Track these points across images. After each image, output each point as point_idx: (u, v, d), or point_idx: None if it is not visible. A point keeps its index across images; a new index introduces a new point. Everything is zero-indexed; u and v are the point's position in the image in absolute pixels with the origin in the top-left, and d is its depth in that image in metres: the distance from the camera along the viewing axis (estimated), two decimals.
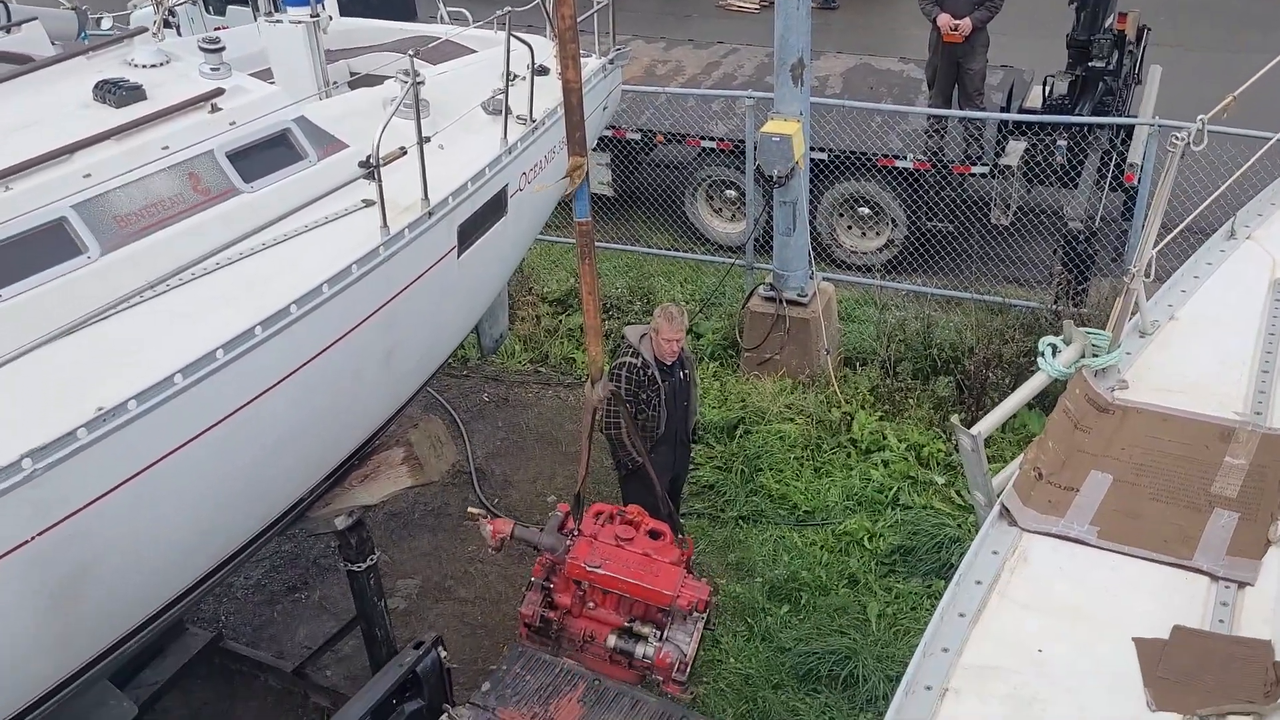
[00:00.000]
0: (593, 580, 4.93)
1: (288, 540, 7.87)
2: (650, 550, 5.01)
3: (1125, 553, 3.38)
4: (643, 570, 4.92)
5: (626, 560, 4.93)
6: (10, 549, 3.88)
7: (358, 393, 5.56)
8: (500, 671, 5.29)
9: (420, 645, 5.13)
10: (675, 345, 6.39)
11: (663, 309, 6.47)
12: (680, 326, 6.40)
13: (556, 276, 10.79)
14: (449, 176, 5.83)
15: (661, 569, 4.90)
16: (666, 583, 4.81)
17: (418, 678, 5.05)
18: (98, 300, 4.36)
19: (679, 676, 4.78)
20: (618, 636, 4.92)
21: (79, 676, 4.57)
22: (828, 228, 10.87)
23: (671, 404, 6.58)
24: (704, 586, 4.84)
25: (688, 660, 4.76)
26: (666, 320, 6.35)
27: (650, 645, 4.87)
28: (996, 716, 2.89)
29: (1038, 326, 8.74)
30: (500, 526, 5.28)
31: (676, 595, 4.77)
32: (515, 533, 5.25)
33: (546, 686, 5.14)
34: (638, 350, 6.43)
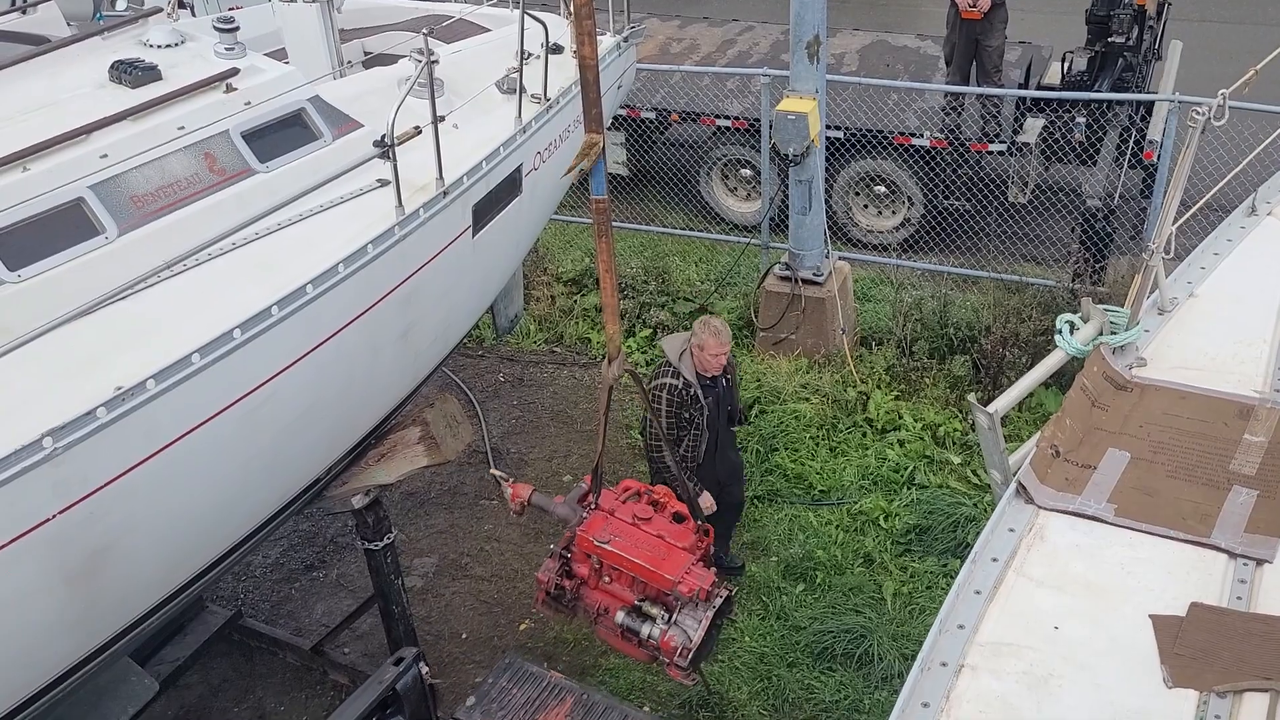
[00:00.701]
0: (600, 555, 4.90)
1: (305, 519, 7.93)
2: (666, 533, 4.93)
3: (1142, 530, 3.37)
4: (651, 552, 4.84)
5: (637, 540, 4.89)
6: (32, 527, 3.92)
7: (374, 372, 5.57)
8: (486, 685, 5.18)
9: (400, 661, 4.98)
10: (723, 359, 6.18)
11: (705, 324, 6.18)
12: (727, 339, 6.17)
13: (571, 256, 10.79)
14: (463, 156, 5.82)
15: (671, 553, 4.81)
16: (671, 567, 4.73)
17: (398, 695, 4.91)
18: (115, 280, 4.37)
19: (681, 661, 4.70)
20: (626, 614, 4.89)
21: (100, 653, 4.62)
22: (843, 206, 10.82)
23: (715, 420, 6.39)
24: (709, 575, 4.73)
25: (691, 646, 4.68)
26: (713, 336, 6.10)
27: (657, 627, 4.80)
28: (1012, 693, 2.90)
29: (1055, 305, 8.69)
30: (519, 491, 5.27)
31: (678, 581, 4.71)
32: (533, 499, 5.24)
33: (533, 700, 5.04)
34: (677, 369, 6.19)
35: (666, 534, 4.90)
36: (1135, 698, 2.85)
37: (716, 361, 6.15)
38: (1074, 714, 2.82)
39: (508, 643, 6.94)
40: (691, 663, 4.69)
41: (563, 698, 5.03)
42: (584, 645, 6.85)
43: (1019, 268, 9.95)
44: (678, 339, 6.37)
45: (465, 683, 6.65)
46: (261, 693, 6.67)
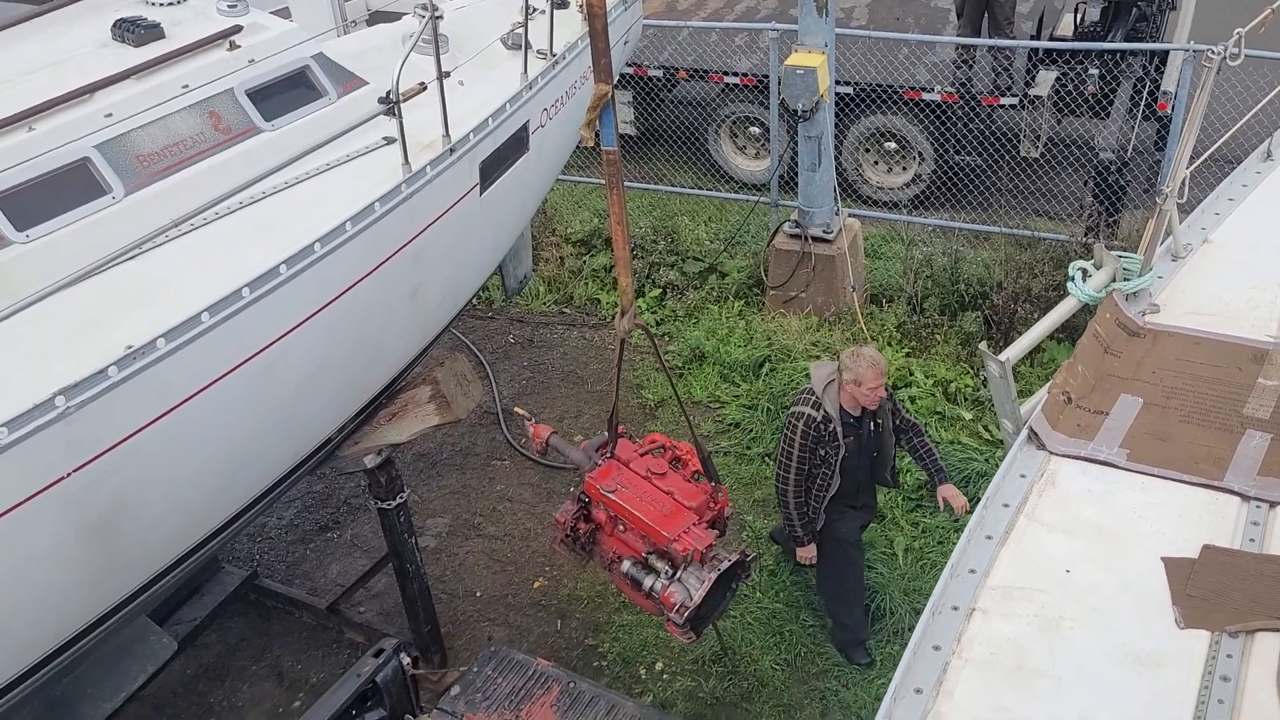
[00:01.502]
0: (605, 504, 4.90)
1: (318, 480, 7.98)
2: (677, 491, 4.88)
3: (1155, 474, 3.36)
4: (654, 507, 4.80)
5: (644, 493, 4.86)
6: (47, 485, 3.94)
7: (384, 331, 5.58)
8: (470, 674, 5.11)
9: (380, 653, 4.83)
10: (880, 392, 5.46)
11: (857, 355, 5.44)
12: (884, 370, 5.43)
13: (580, 217, 10.74)
14: (470, 113, 5.78)
15: (676, 511, 4.77)
16: (670, 524, 4.69)
17: (378, 687, 4.76)
18: (123, 240, 4.36)
19: (677, 617, 4.67)
20: (633, 564, 4.89)
21: (118, 611, 4.67)
22: (853, 163, 10.73)
23: (853, 462, 5.71)
24: (707, 537, 4.67)
25: (690, 604, 4.64)
26: (870, 368, 5.37)
27: (660, 580, 4.78)
28: (1023, 635, 2.91)
29: (1067, 260, 8.60)
30: (540, 431, 5.27)
31: (674, 538, 4.66)
32: (551, 441, 5.23)
33: (518, 690, 4.95)
34: (819, 401, 5.56)
35: (677, 491, 4.87)
36: (1147, 639, 2.86)
37: (873, 396, 5.44)
38: (1086, 656, 2.83)
39: (522, 600, 6.99)
40: (689, 621, 4.62)
41: (549, 686, 4.92)
42: (597, 602, 6.89)
43: (1031, 223, 9.87)
44: (826, 367, 5.72)
45: (480, 640, 6.72)
46: (279, 651, 6.74)
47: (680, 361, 8.86)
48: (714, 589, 4.75)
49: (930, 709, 2.74)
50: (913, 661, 2.86)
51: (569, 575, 7.12)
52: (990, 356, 3.61)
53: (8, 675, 4.21)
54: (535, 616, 6.87)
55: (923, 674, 2.83)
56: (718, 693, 6.25)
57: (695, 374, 8.72)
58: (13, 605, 4.04)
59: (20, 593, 4.04)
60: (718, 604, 4.90)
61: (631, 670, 6.46)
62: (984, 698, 2.76)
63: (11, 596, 4.01)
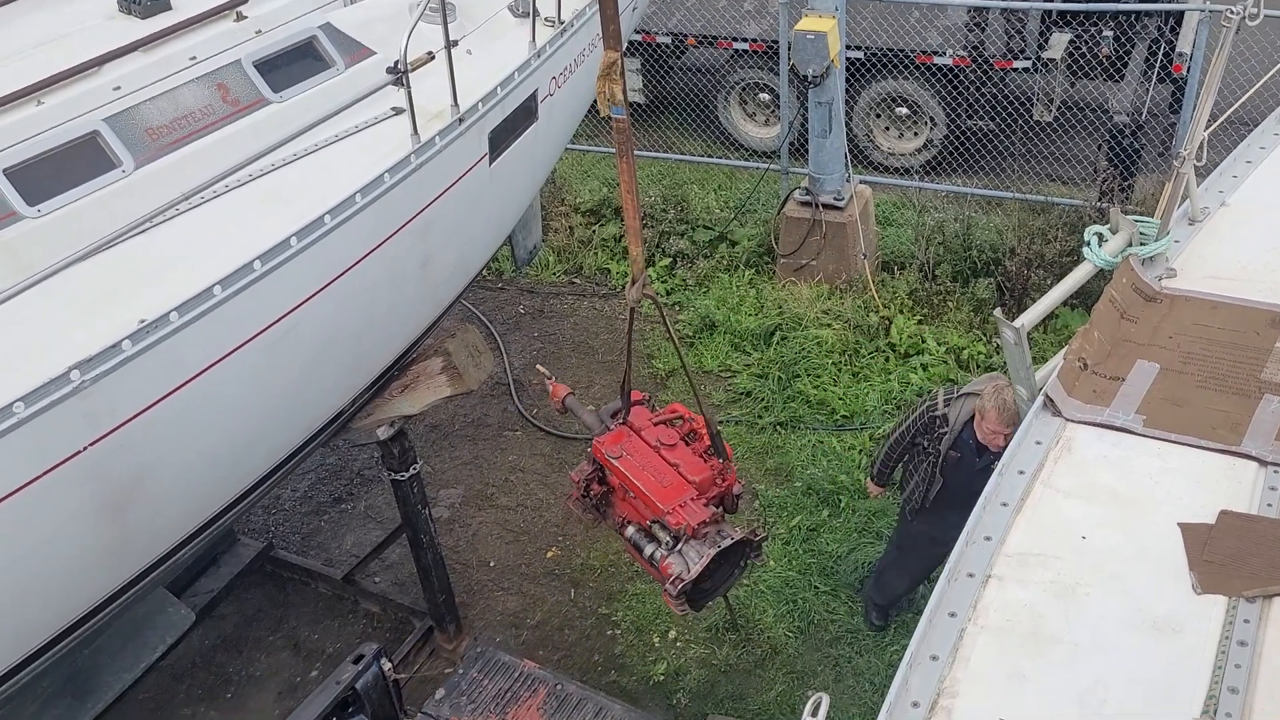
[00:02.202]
0: (608, 468, 4.87)
1: (332, 453, 8.01)
2: (682, 463, 4.80)
3: (1172, 440, 3.34)
4: (655, 477, 4.73)
5: (648, 462, 4.80)
6: (65, 459, 3.96)
7: (395, 302, 5.57)
8: (456, 677, 5.05)
9: (360, 660, 4.72)
10: (998, 440, 5.19)
11: (998, 390, 5.16)
12: (1009, 422, 5.07)
13: (589, 186, 10.70)
14: (478, 82, 5.73)
15: (675, 484, 4.70)
16: (667, 496, 4.63)
17: (358, 694, 4.66)
18: (134, 214, 4.34)
19: (671, 589, 4.63)
20: (636, 529, 4.86)
21: (137, 583, 4.70)
22: (864, 129, 10.65)
23: (949, 478, 5.48)
24: (702, 513, 4.58)
25: (687, 577, 4.61)
26: (996, 411, 5.13)
27: (660, 550, 4.70)
28: (1039, 602, 2.90)
29: (1081, 225, 8.56)
30: (558, 390, 5.27)
31: (669, 511, 4.60)
32: (567, 401, 5.22)
33: (505, 693, 4.88)
34: (953, 401, 5.43)
35: (683, 464, 4.79)
36: (1163, 604, 2.85)
37: (993, 439, 5.22)
38: (1102, 621, 2.83)
39: (535, 570, 7.03)
40: (684, 593, 4.54)
41: (535, 689, 4.87)
42: (610, 571, 6.93)
43: (1044, 188, 9.80)
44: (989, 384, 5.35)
45: (494, 609, 6.77)
46: (295, 622, 6.80)
47: (691, 331, 8.85)
48: (719, 565, 4.69)
49: (946, 675, 2.74)
50: (929, 628, 2.85)
51: (582, 545, 7.16)
52: (1005, 323, 3.58)
53: (31, 646, 4.26)
54: (549, 585, 6.92)
55: (939, 641, 2.83)
56: (730, 660, 6.29)
57: (706, 343, 8.71)
58: (34, 578, 4.08)
59: (41, 565, 4.07)
60: (724, 580, 4.83)
61: (645, 638, 6.50)
62: (1000, 664, 2.76)
63: (33, 569, 4.05)
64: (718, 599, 5.11)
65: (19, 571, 4.01)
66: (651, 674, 6.28)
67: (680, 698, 6.14)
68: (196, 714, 6.26)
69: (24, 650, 4.24)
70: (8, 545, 3.90)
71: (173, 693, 6.37)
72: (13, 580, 4.00)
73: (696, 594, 4.75)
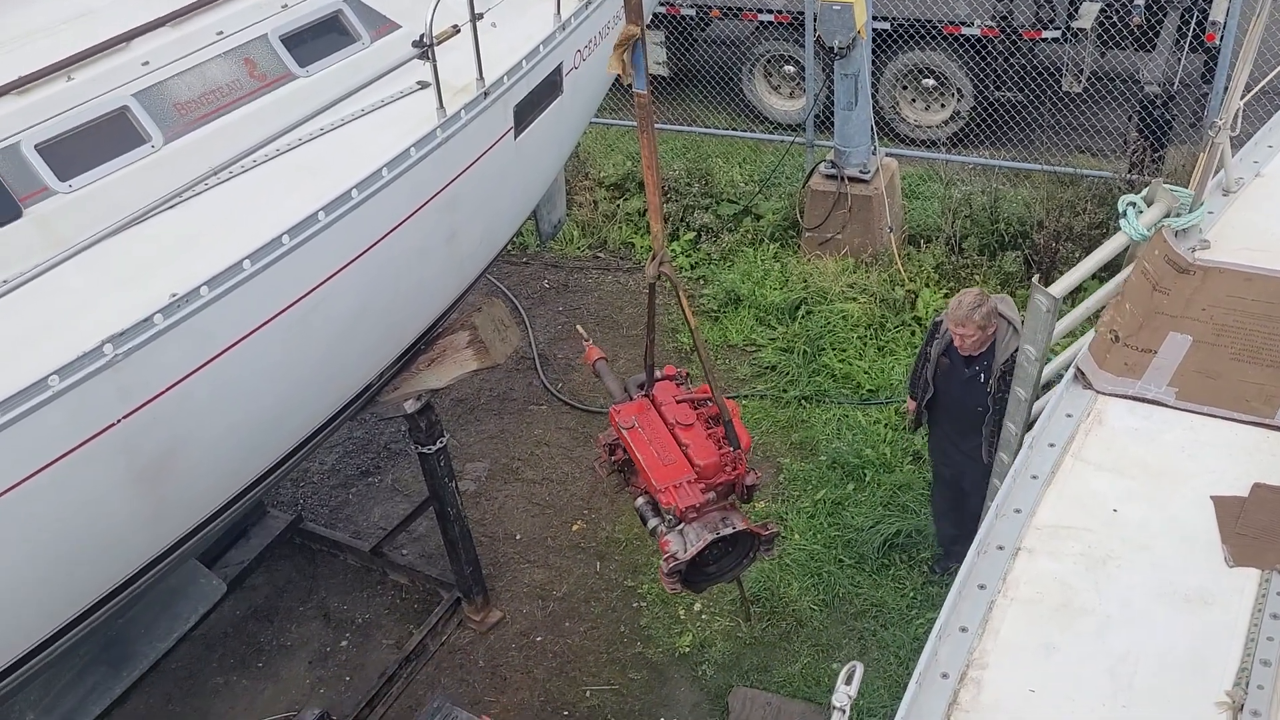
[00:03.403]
0: (618, 436, 4.82)
1: (359, 426, 8.07)
2: (692, 444, 4.62)
3: (1204, 413, 3.32)
4: (659, 453, 4.60)
5: (657, 437, 4.71)
6: (99, 431, 4.01)
7: (422, 276, 5.59)
8: None
9: None
10: (958, 339, 5.45)
11: (958, 294, 5.49)
12: (961, 320, 5.36)
13: (613, 160, 10.67)
14: (503, 55, 5.72)
15: (677, 463, 4.57)
16: (664, 474, 4.50)
17: None
18: (163, 189, 4.37)
19: (665, 566, 4.58)
20: (645, 500, 4.79)
21: (170, 554, 4.77)
22: (890, 101, 10.55)
23: (940, 387, 5.76)
24: (694, 497, 4.43)
25: (681, 558, 4.40)
26: (952, 306, 5.44)
27: (662, 526, 4.56)
28: (1070, 574, 2.90)
29: (1110, 197, 8.46)
30: (591, 353, 5.26)
31: (661, 489, 4.46)
32: (597, 365, 5.20)
33: None
34: None
35: (692, 445, 4.62)
36: (1195, 577, 2.84)
37: (956, 335, 5.46)
38: (1133, 593, 2.82)
39: (561, 543, 7.08)
40: (677, 572, 4.43)
41: None
42: (635, 544, 6.96)
43: (1073, 159, 9.68)
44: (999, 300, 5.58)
45: (521, 581, 6.82)
46: (324, 592, 6.88)
47: (715, 305, 8.83)
48: (726, 552, 4.60)
49: (976, 646, 2.75)
50: (958, 600, 2.86)
51: (607, 518, 7.20)
52: (1042, 290, 3.48)
53: (68, 615, 4.33)
54: (574, 558, 6.96)
55: (968, 612, 2.83)
56: (756, 632, 6.32)
57: (731, 317, 8.69)
58: (72, 547, 4.14)
59: (79, 536, 4.14)
60: (729, 568, 4.72)
61: (670, 611, 6.54)
62: (1030, 635, 2.76)
63: (71, 539, 4.11)
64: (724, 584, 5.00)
65: (58, 541, 4.07)
66: (677, 646, 6.32)
67: (705, 669, 6.18)
68: (229, 682, 6.36)
69: (63, 618, 4.32)
70: (47, 516, 3.97)
71: (205, 661, 6.47)
72: (52, 550, 4.07)
73: (697, 576, 4.66)
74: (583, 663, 6.31)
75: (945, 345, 5.64)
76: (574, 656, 6.35)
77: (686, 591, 4.74)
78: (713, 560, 4.65)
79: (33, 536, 3.97)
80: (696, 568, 4.61)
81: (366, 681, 6.23)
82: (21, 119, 4.41)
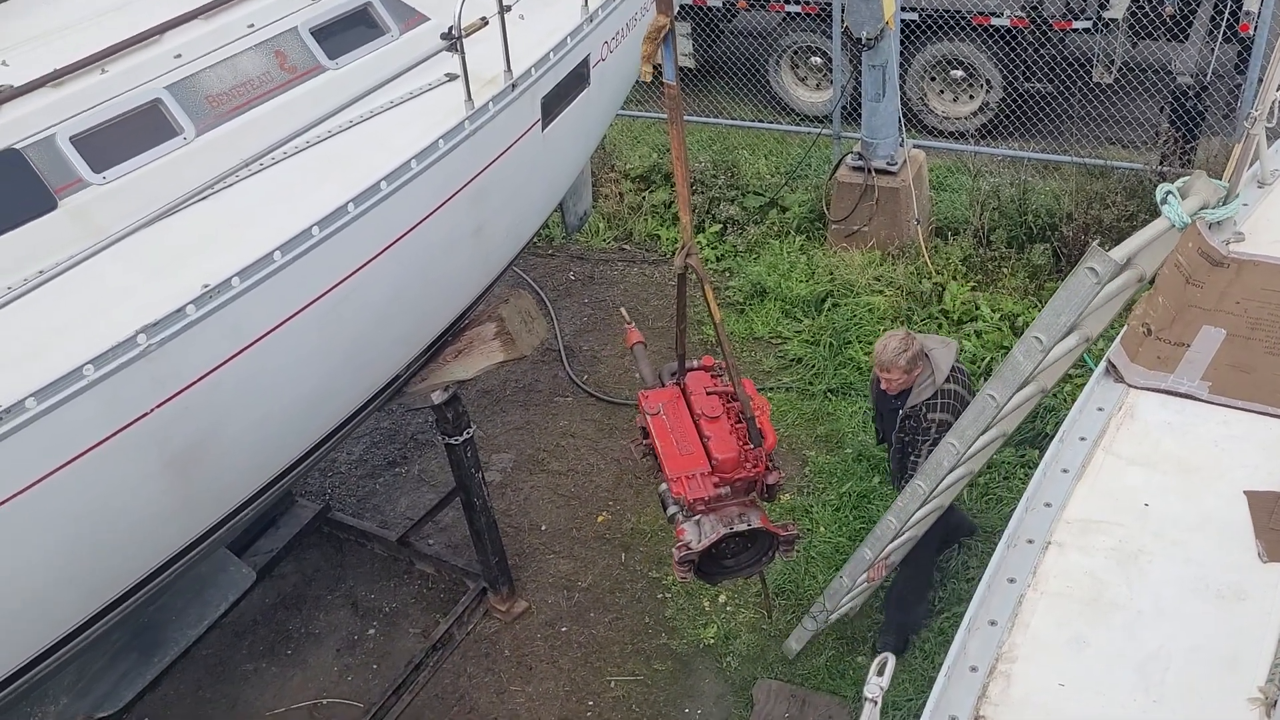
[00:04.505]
0: (644, 424, 4.82)
1: (386, 417, 8.12)
2: (714, 437, 4.60)
3: (1238, 407, 3.29)
4: (679, 443, 4.60)
5: (680, 427, 4.68)
6: (133, 420, 4.06)
7: (449, 268, 5.62)
8: None
9: None
10: (887, 383, 5.44)
11: (884, 337, 5.47)
12: (886, 365, 5.32)
13: (639, 152, 10.66)
14: (531, 47, 5.73)
15: (694, 455, 4.55)
16: (679, 464, 4.50)
17: None
18: (195, 180, 4.43)
19: (676, 553, 4.57)
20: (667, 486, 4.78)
21: (200, 543, 4.83)
22: (918, 92, 10.48)
23: (880, 411, 5.84)
24: (705, 490, 4.42)
25: (694, 548, 4.39)
26: (877, 351, 5.40)
27: (681, 513, 4.54)
28: (1101, 568, 2.88)
29: (1140, 190, 8.38)
30: (631, 336, 5.28)
31: (673, 479, 4.47)
32: (634, 349, 5.22)
33: None
34: None
35: (714, 438, 4.60)
36: (1228, 572, 2.82)
37: (883, 379, 5.45)
38: (1165, 588, 2.81)
39: (586, 534, 7.10)
40: (688, 561, 4.42)
41: None
42: (660, 536, 6.97)
43: (1103, 151, 9.59)
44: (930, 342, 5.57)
45: (546, 571, 6.85)
46: (352, 581, 6.94)
47: (741, 297, 8.82)
48: (745, 547, 4.58)
49: (1005, 640, 2.74)
50: (987, 594, 2.85)
51: (632, 510, 7.21)
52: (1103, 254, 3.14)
53: (101, 602, 4.39)
54: (599, 550, 6.98)
55: (997, 606, 2.82)
56: (781, 625, 6.32)
57: (756, 309, 8.68)
58: (106, 535, 4.20)
59: (112, 523, 4.19)
60: (746, 564, 4.70)
61: (695, 602, 6.55)
62: (1060, 630, 2.75)
63: (104, 527, 4.17)
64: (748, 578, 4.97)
65: (92, 529, 4.13)
66: (702, 637, 6.33)
67: (730, 661, 6.19)
68: (258, 669, 6.43)
69: (96, 605, 4.38)
70: (81, 504, 4.03)
71: (235, 649, 6.54)
72: (86, 537, 4.13)
73: (714, 568, 4.64)
74: (608, 653, 6.33)
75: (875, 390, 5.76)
76: (599, 647, 6.37)
77: (699, 581, 4.74)
78: (730, 554, 4.64)
79: (68, 524, 4.04)
80: (713, 560, 4.60)
81: (393, 669, 6.28)
82: (56, 112, 4.47)
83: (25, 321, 3.93)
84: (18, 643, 4.18)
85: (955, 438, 3.45)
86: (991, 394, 3.32)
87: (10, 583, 3.98)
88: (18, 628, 4.14)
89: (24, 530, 3.89)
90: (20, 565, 3.97)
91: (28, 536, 3.92)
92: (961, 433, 3.45)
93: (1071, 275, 3.13)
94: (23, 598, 4.05)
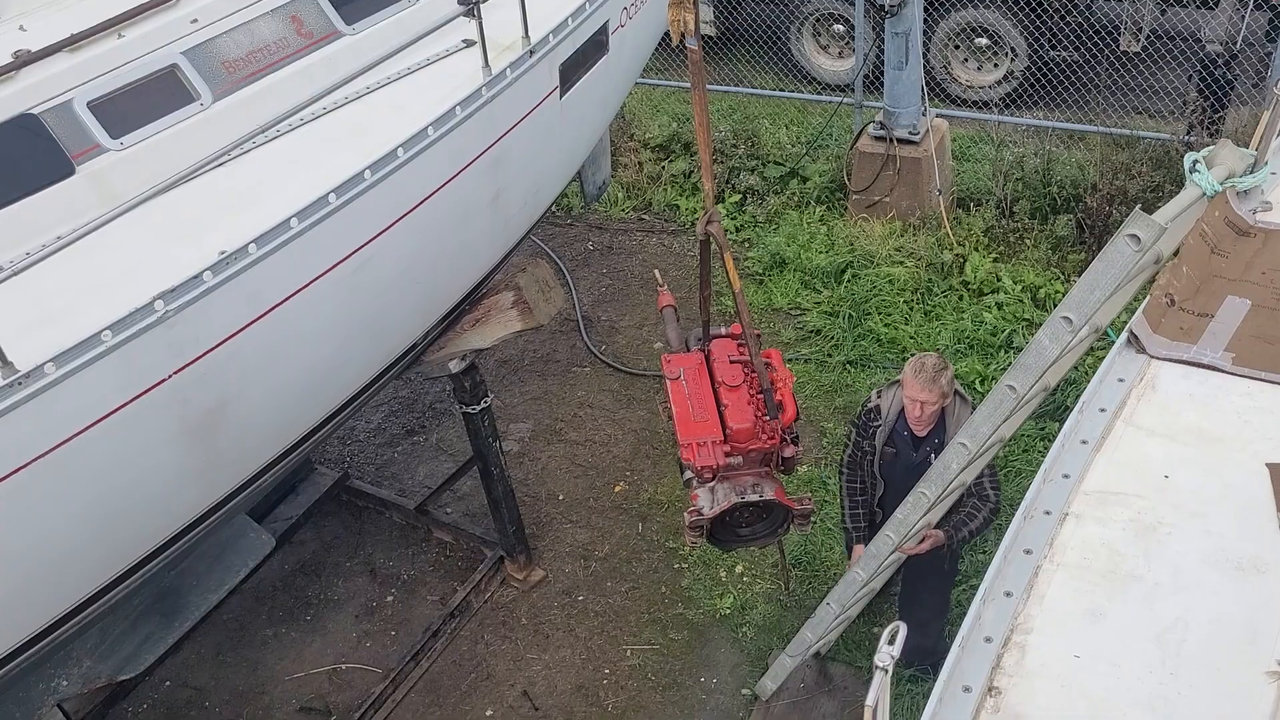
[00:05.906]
0: (665, 387, 4.80)
1: (404, 385, 8.15)
2: (731, 406, 4.54)
3: (1262, 379, 3.24)
4: (696, 409, 4.55)
5: (698, 393, 4.63)
6: (152, 385, 4.08)
7: (467, 236, 5.60)
8: None
9: None
10: (918, 409, 4.84)
11: (917, 358, 4.83)
12: (927, 385, 4.74)
13: (658, 122, 10.59)
14: (549, 13, 5.67)
15: (709, 422, 4.50)
16: (691, 430, 4.45)
17: None
18: (212, 147, 4.41)
19: (687, 517, 4.54)
20: None
21: (220, 508, 4.86)
22: (942, 61, 10.35)
23: (888, 478, 5.13)
24: (714, 458, 4.35)
25: (706, 514, 4.39)
26: (913, 371, 4.78)
27: (696, 480, 4.50)
28: (1119, 540, 2.86)
29: (1167, 160, 8.27)
30: (663, 299, 5.25)
31: (685, 444, 4.42)
32: (664, 312, 5.20)
33: None
34: (885, 392, 5.09)
35: (731, 406, 4.54)
36: (1249, 544, 2.79)
37: (912, 409, 4.87)
38: (1184, 560, 2.78)
39: (603, 504, 7.11)
40: (697, 526, 4.40)
41: None
42: (677, 506, 6.97)
43: (1130, 121, 9.45)
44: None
45: (564, 541, 6.87)
46: (371, 549, 6.99)
47: (760, 268, 8.77)
48: (761, 517, 4.57)
49: (1020, 611, 2.73)
50: (1003, 565, 2.83)
51: (649, 480, 7.22)
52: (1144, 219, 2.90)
53: (123, 566, 4.44)
54: (616, 519, 7.00)
55: (1013, 577, 2.80)
56: (797, 596, 6.32)
57: (776, 280, 8.63)
58: (128, 499, 4.23)
59: (134, 488, 4.22)
60: (760, 535, 4.66)
61: (712, 573, 6.56)
62: (1077, 601, 2.73)
63: (126, 491, 4.20)
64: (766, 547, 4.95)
65: (113, 494, 4.16)
66: (718, 608, 6.35)
67: (746, 631, 6.20)
68: (277, 634, 6.50)
69: (118, 568, 4.43)
70: (102, 469, 4.05)
71: (255, 614, 6.61)
72: (108, 502, 4.16)
73: (727, 536, 4.62)
74: (624, 622, 6.36)
75: (889, 432, 5.05)
76: (615, 616, 6.40)
77: (711, 546, 4.73)
78: (744, 523, 4.63)
79: (89, 487, 4.07)
80: (728, 528, 4.60)
81: (411, 636, 6.33)
82: (73, 76, 4.46)
83: (44, 287, 3.94)
84: (42, 605, 4.23)
85: (967, 437, 3.25)
86: (1011, 384, 3.05)
87: (34, 546, 4.02)
88: (42, 590, 4.18)
89: (46, 493, 3.92)
90: (43, 528, 4.01)
91: (50, 500, 3.95)
92: (974, 430, 3.18)
93: (1110, 245, 2.82)
94: (46, 561, 4.10)
